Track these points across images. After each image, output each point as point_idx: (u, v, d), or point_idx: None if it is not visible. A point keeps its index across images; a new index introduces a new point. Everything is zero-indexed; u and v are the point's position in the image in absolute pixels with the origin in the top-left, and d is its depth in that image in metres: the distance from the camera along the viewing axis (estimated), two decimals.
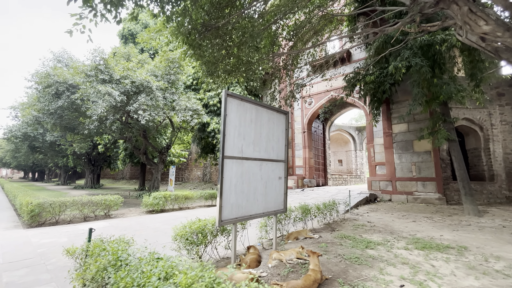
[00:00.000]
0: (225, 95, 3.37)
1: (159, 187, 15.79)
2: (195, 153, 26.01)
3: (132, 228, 6.29)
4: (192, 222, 3.66)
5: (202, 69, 7.60)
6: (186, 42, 5.70)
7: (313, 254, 2.96)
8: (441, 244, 4.50)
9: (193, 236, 3.26)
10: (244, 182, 3.61)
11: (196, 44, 5.73)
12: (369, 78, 9.75)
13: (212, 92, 14.55)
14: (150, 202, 8.80)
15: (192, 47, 5.92)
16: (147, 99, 10.39)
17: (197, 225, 3.29)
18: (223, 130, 3.32)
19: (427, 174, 10.50)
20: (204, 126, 14.58)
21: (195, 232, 3.25)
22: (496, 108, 10.95)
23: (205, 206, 10.77)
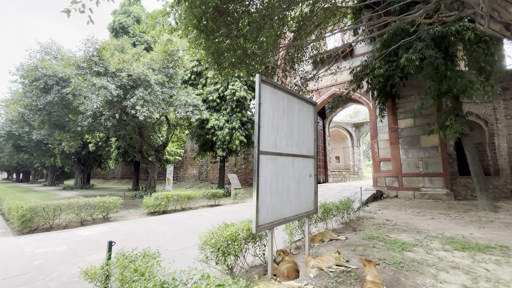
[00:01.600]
0: (259, 81, 2.91)
1: (155, 186, 15.14)
2: (190, 151, 25.34)
3: (136, 232, 5.75)
4: (220, 227, 3.20)
5: (209, 60, 7.06)
6: (197, 27, 5.17)
7: (369, 262, 2.57)
8: (479, 243, 4.22)
9: (226, 245, 2.80)
10: (278, 180, 3.17)
11: (209, 28, 5.20)
12: (378, 71, 9.44)
13: (211, 87, 13.98)
14: (152, 203, 8.24)
15: (205, 33, 5.38)
16: (145, 94, 9.74)
17: (229, 232, 2.83)
18: (258, 122, 2.87)
19: (435, 170, 10.36)
20: (203, 123, 14.00)
21: (227, 240, 2.79)
22: (501, 103, 10.92)
23: (208, 206, 10.28)
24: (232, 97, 13.65)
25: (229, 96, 13.68)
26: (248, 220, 3.70)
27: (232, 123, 13.66)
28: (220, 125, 13.40)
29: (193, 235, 5.36)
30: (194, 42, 5.91)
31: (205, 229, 5.92)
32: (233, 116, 13.93)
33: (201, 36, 5.56)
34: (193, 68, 14.18)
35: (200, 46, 6.77)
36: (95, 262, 3.83)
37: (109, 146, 20.70)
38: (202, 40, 5.81)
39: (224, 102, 14.18)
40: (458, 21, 7.97)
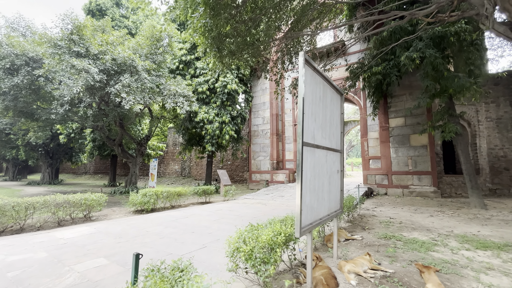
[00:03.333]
0: (303, 60, 2.50)
1: (137, 182, 14.14)
2: (172, 145, 24.22)
3: (128, 234, 5.09)
4: (247, 230, 2.76)
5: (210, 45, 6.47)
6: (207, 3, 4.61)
7: (427, 269, 2.31)
8: (494, 242, 4.20)
9: (265, 252, 2.37)
10: (315, 177, 2.80)
11: (224, 4, 4.64)
12: (376, 69, 9.44)
13: (201, 78, 13.24)
14: (139, 201, 7.51)
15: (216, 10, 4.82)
16: (132, 81, 8.84)
17: (266, 237, 2.41)
18: (302, 108, 2.47)
19: (423, 168, 10.67)
20: (191, 116, 13.25)
21: (265, 247, 2.36)
22: (482, 106, 11.50)
23: (198, 204, 9.69)
24: (223, 90, 13.05)
25: (219, 88, 13.06)
26: (271, 220, 3.30)
27: (222, 117, 13.08)
28: (210, 118, 12.76)
29: (194, 236, 4.85)
30: (199, 21, 5.29)
31: (205, 229, 5.45)
32: (223, 110, 13.34)
33: (209, 13, 4.98)
34: (181, 57, 13.32)
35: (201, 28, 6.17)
36: (87, 272, 3.20)
37: (83, 138, 19.04)
38: (208, 19, 5.22)
39: (214, 95, 13.53)
40: (455, 23, 8.12)
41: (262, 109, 16.08)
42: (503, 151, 10.95)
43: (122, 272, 3.19)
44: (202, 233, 5.09)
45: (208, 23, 5.34)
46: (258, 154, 15.90)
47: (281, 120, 16.03)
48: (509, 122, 10.92)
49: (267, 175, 15.23)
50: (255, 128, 16.28)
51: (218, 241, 4.50)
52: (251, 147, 16.23)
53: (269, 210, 8.07)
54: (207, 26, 5.61)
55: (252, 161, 16.08)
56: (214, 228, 5.51)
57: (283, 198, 10.60)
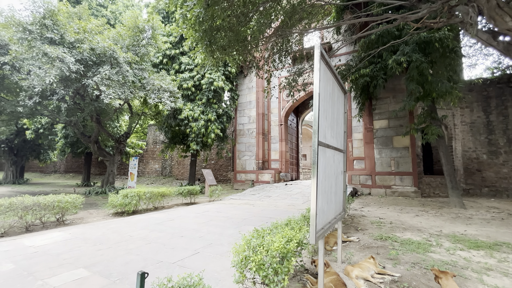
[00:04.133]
0: (319, 54, 2.32)
1: (114, 182, 13.29)
2: (152, 143, 23.27)
3: (109, 240, 4.64)
4: (253, 236, 2.53)
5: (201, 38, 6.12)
6: None
7: (445, 274, 2.22)
8: (484, 241, 4.33)
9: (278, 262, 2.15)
10: (325, 178, 2.64)
11: None
12: (364, 71, 9.59)
13: (186, 73, 12.73)
14: (120, 202, 6.96)
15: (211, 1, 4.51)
16: (112, 73, 8.20)
17: (278, 244, 2.20)
18: (318, 104, 2.29)
19: (405, 169, 11.04)
20: (175, 113, 12.69)
21: (277, 255, 2.15)
22: (458, 110, 12.17)
23: (182, 205, 9.26)
24: (209, 87, 12.65)
25: (205, 85, 12.65)
26: (275, 224, 3.10)
27: (208, 114, 12.68)
28: (195, 116, 12.31)
29: (184, 241, 4.52)
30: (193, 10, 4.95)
31: (195, 233, 5.12)
32: (209, 108, 12.94)
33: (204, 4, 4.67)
34: (166, 50, 12.71)
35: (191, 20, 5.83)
36: (65, 286, 2.79)
37: (53, 135, 17.60)
38: (202, 10, 4.90)
39: (199, 92, 13.08)
40: (439, 29, 8.44)
41: (248, 108, 15.85)
42: (475, 153, 11.66)
43: (107, 285, 2.82)
44: (192, 237, 4.77)
45: (201, 14, 5.01)
46: (244, 153, 15.65)
47: (267, 119, 15.90)
48: (481, 126, 11.65)
49: (252, 175, 15.03)
50: (240, 127, 16.01)
51: (211, 246, 4.22)
52: (236, 147, 15.94)
53: (258, 211, 7.87)
54: (200, 17, 5.28)
55: (237, 161, 15.80)
56: (204, 232, 5.20)
57: (270, 199, 10.45)
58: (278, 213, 7.49)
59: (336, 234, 4.48)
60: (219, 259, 3.63)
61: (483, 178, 11.45)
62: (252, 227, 5.67)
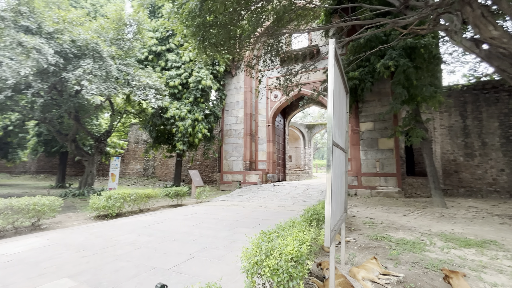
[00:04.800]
0: (334, 49, 2.24)
1: (93, 183, 12.55)
2: (133, 143, 22.38)
3: (93, 245, 4.29)
4: (262, 239, 2.40)
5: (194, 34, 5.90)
6: None
7: (455, 274, 2.22)
8: (472, 239, 4.49)
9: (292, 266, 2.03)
10: (335, 178, 2.57)
11: None
12: (353, 74, 9.79)
13: (173, 71, 12.32)
14: (103, 204, 6.53)
15: None
16: (95, 67, 7.70)
17: (292, 247, 2.08)
18: (333, 101, 2.21)
19: (389, 170, 11.40)
20: (161, 111, 12.23)
21: (291, 260, 2.03)
22: (437, 114, 12.79)
23: (169, 207, 8.91)
24: (197, 85, 12.34)
25: (193, 84, 12.32)
26: (280, 226, 2.98)
27: (195, 114, 12.36)
28: (182, 115, 11.93)
29: (176, 245, 4.28)
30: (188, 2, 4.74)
31: (187, 236, 4.88)
32: (196, 107, 12.62)
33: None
34: (151, 47, 12.24)
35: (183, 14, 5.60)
36: None
37: (24, 132, 16.36)
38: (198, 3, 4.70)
39: (186, 90, 12.72)
40: (424, 36, 8.80)
41: (235, 108, 15.66)
42: (453, 155, 12.29)
43: None
44: (185, 241, 4.53)
45: (196, 7, 4.81)
46: (231, 154, 15.43)
47: (254, 120, 15.81)
48: (458, 130, 12.31)
49: (239, 176, 14.85)
50: (227, 128, 15.78)
51: (206, 250, 4.02)
52: (223, 147, 15.69)
53: (249, 212, 7.73)
54: (195, 11, 5.07)
55: (224, 162, 15.55)
56: (196, 235, 4.98)
57: (259, 200, 10.34)
58: (269, 214, 7.40)
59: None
60: (217, 263, 3.45)
61: (460, 179, 12.10)
62: (246, 229, 5.53)
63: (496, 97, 11.81)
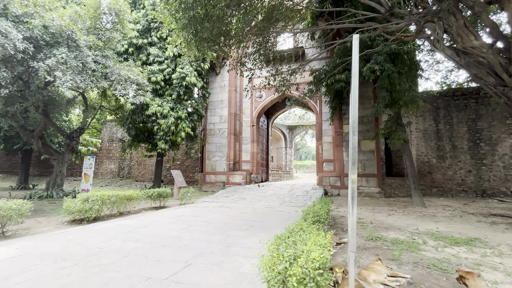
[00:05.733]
0: (357, 45, 2.16)
1: (63, 184, 11.53)
2: (108, 141, 21.07)
3: (73, 254, 3.84)
4: (277, 244, 2.23)
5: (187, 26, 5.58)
6: None
7: (471, 275, 2.23)
8: (459, 237, 4.70)
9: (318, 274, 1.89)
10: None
11: None
12: (339, 76, 9.99)
13: (155, 66, 11.71)
14: (78, 208, 5.94)
15: None
16: (70, 57, 7.01)
17: (316, 254, 1.94)
18: (356, 98, 2.12)
19: (371, 171, 11.81)
20: (140, 108, 11.56)
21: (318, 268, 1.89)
22: (413, 118, 13.53)
23: (151, 209, 8.41)
24: (181, 82, 11.85)
25: (176, 80, 11.82)
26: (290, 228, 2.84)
27: (178, 111, 11.87)
28: (164, 112, 11.39)
29: (168, 251, 3.97)
30: None
31: (178, 241, 4.56)
32: (179, 104, 12.12)
33: None
34: (132, 39, 11.53)
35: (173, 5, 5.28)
36: None
37: None
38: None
39: (169, 87, 12.17)
40: (406, 43, 9.21)
41: (219, 107, 15.33)
42: (427, 157, 13.06)
43: None
44: (177, 246, 4.23)
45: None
46: (214, 154, 15.05)
47: (238, 120, 15.58)
48: (432, 133, 13.11)
49: (223, 176, 14.53)
50: (211, 127, 15.39)
51: (202, 256, 3.76)
52: (206, 147, 15.26)
53: (237, 214, 7.52)
54: (188, 2, 4.78)
55: (207, 162, 15.13)
56: (187, 239, 4.68)
57: (245, 201, 10.16)
58: (259, 216, 7.25)
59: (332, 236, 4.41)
60: (217, 270, 3.23)
61: (432, 180, 12.88)
62: (238, 232, 5.33)
63: (465, 104, 12.75)
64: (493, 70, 6.29)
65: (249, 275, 3.04)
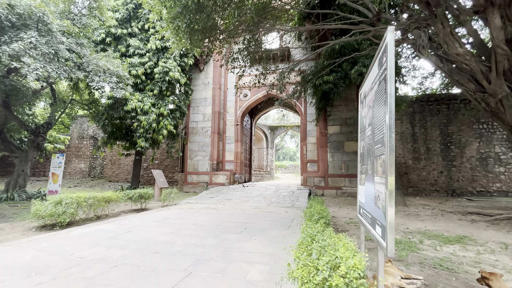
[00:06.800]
0: (393, 38, 2.04)
1: (25, 185, 10.35)
2: (77, 138, 19.50)
3: (49, 265, 3.32)
4: (305, 250, 2.04)
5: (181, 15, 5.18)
6: None
7: (494, 276, 2.21)
8: (449, 236, 4.86)
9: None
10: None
11: None
12: (327, 78, 10.09)
13: (135, 58, 10.97)
14: (50, 212, 5.27)
15: None
16: (41, 42, 6.23)
17: (355, 260, 1.78)
18: (393, 94, 1.99)
19: (354, 172, 12.10)
20: (118, 103, 10.74)
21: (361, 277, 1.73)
22: None
23: (131, 211, 7.81)
24: (163, 77, 11.23)
25: (159, 74, 11.18)
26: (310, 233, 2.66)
27: (160, 108, 11.23)
28: (145, 108, 10.70)
29: (162, 259, 3.60)
30: None
31: (170, 247, 4.18)
32: (161, 100, 11.48)
33: None
34: (110, 28, 10.68)
35: None
36: None
37: None
38: None
39: (150, 81, 11.48)
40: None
41: (203, 105, 14.82)
42: (404, 159, 13.74)
43: None
44: (170, 253, 3.86)
45: None
46: (196, 153, 14.51)
47: (222, 118, 15.20)
48: (408, 136, 13.81)
49: (205, 176, 14.05)
50: (194, 125, 14.83)
51: (201, 263, 3.46)
52: (188, 146, 14.67)
53: (226, 216, 7.22)
54: None
55: (189, 161, 14.54)
56: (180, 244, 4.32)
57: (231, 202, 9.85)
58: (249, 217, 7.02)
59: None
60: (222, 279, 2.95)
61: (408, 180, 13.57)
62: (233, 235, 5.06)
63: (438, 109, 13.61)
64: (474, 77, 6.68)
65: (259, 284, 2.81)
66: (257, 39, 9.82)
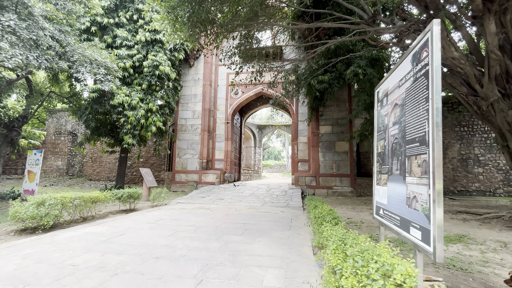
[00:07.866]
0: (438, 30, 1.94)
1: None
2: (54, 134, 18.27)
3: (39, 276, 2.94)
4: (362, 257, 1.89)
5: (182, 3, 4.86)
6: None
7: None
8: (449, 235, 4.96)
9: None
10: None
11: None
12: (322, 77, 10.10)
13: (123, 50, 10.36)
14: (31, 213, 4.77)
15: None
16: (21, 27, 5.62)
17: (405, 268, 1.66)
18: (437, 88, 1.89)
19: (344, 171, 12.26)
20: (104, 97, 10.09)
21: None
22: None
23: (119, 212, 7.35)
24: (153, 71, 10.71)
25: (148, 68, 10.64)
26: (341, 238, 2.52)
27: (149, 103, 10.71)
28: (133, 103, 10.14)
29: (166, 265, 3.33)
30: None
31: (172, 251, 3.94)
32: (150, 95, 10.95)
33: None
34: (96, 16, 9.99)
35: None
36: None
37: None
38: None
39: (139, 75, 10.91)
40: (386, 49, 9.72)
41: (192, 101, 14.38)
42: None
43: None
44: (174, 258, 3.59)
45: None
46: (185, 151, 14.05)
47: (212, 116, 14.84)
48: None
49: (195, 175, 13.64)
50: (183, 122, 14.34)
51: (210, 269, 3.22)
52: (176, 143, 14.17)
53: (223, 216, 6.98)
54: None
55: (177, 159, 14.05)
56: (181, 248, 4.05)
57: (224, 201, 9.60)
58: (246, 218, 6.82)
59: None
60: (237, 286, 2.75)
61: None
62: (235, 237, 4.84)
63: None
64: (467, 81, 6.91)
65: None
66: (252, 36, 9.63)
